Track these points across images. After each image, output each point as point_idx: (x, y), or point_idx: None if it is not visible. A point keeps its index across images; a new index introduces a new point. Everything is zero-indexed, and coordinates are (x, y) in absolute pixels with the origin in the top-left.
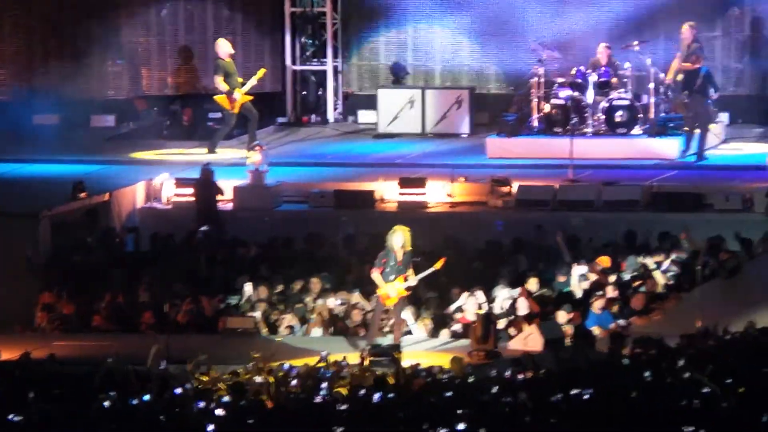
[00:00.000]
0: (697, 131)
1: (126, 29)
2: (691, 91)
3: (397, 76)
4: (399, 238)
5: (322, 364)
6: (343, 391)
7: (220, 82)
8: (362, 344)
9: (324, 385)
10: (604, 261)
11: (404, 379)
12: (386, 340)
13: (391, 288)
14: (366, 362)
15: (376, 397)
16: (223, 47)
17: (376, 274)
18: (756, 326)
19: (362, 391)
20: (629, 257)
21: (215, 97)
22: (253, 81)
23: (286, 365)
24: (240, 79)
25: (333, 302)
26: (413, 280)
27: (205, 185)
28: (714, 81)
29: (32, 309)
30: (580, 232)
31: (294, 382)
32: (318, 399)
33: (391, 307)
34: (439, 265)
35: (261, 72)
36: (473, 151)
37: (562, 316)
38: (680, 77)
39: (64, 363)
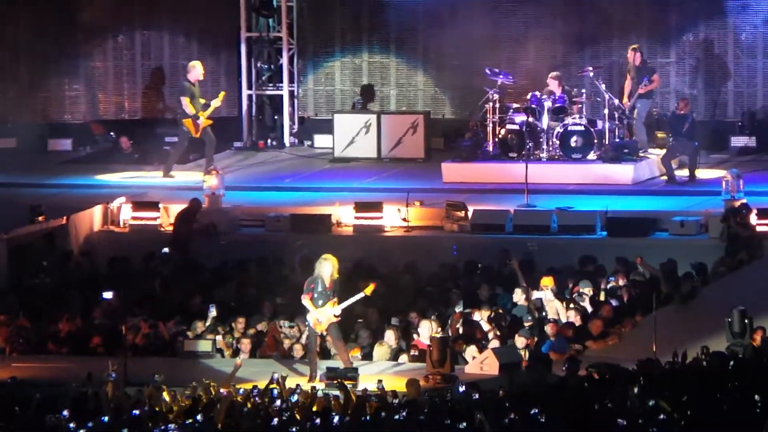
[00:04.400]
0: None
1: (83, 54)
2: (679, 135)
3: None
4: (328, 268)
5: (273, 386)
6: (297, 415)
7: (187, 104)
8: (316, 367)
9: (277, 405)
10: (548, 282)
11: (354, 404)
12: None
13: (321, 314)
14: (321, 386)
15: (333, 420)
16: (197, 71)
17: (306, 300)
18: (709, 351)
19: (315, 416)
20: (582, 281)
21: (184, 120)
22: (215, 103)
23: (241, 390)
24: (203, 100)
25: (285, 326)
26: (337, 309)
27: (188, 216)
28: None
29: None
30: (535, 257)
31: (248, 404)
32: (276, 421)
33: (324, 333)
34: (368, 291)
35: (221, 95)
36: (429, 175)
37: (520, 341)
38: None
39: (24, 384)
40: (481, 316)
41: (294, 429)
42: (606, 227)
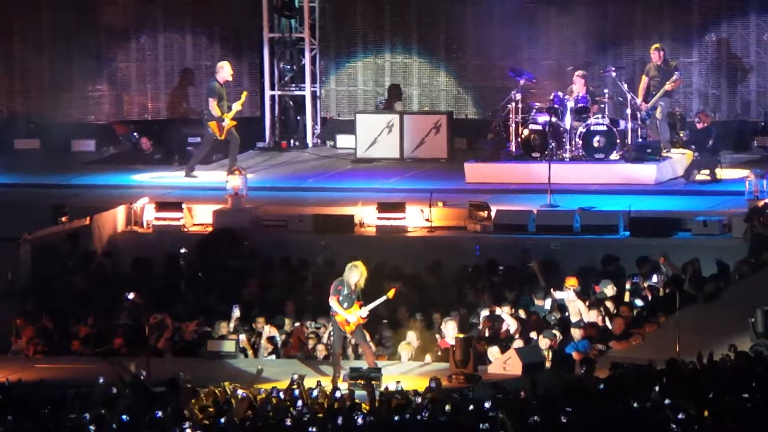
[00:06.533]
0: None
1: (106, 55)
2: (704, 150)
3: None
4: (356, 276)
5: (294, 387)
6: (319, 414)
7: (214, 106)
8: (340, 368)
9: (299, 405)
10: (573, 282)
11: (379, 403)
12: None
13: (351, 315)
14: (344, 386)
15: (356, 419)
16: (225, 71)
17: (334, 302)
18: (737, 350)
19: (338, 415)
20: (603, 281)
21: (209, 122)
22: (237, 106)
23: (261, 390)
24: (226, 104)
25: (310, 326)
26: (364, 311)
27: (237, 242)
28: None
29: (12, 332)
30: (557, 257)
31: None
32: (289, 422)
33: (349, 334)
34: (391, 294)
35: (243, 96)
36: (451, 175)
37: (543, 341)
38: (652, 102)
39: (48, 385)
40: (502, 311)
41: (313, 429)
42: (629, 227)
